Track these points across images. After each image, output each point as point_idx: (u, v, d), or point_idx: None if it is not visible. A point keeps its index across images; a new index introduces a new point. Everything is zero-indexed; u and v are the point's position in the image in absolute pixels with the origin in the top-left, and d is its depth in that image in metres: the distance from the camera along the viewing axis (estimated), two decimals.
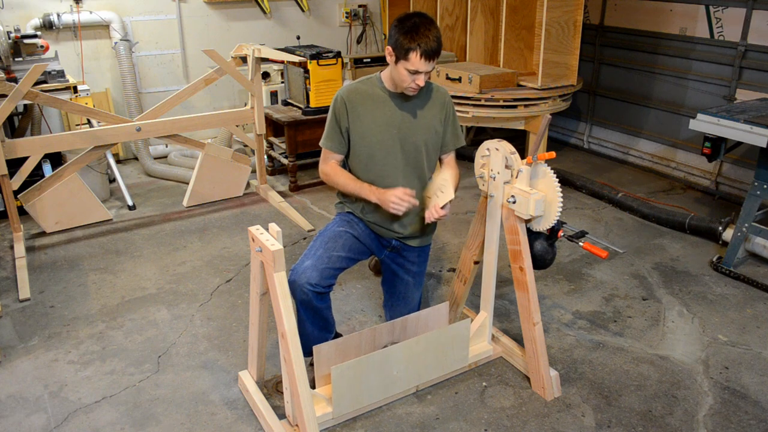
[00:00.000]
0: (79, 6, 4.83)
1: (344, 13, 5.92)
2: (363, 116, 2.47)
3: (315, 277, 2.38)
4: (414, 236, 2.65)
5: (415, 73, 2.33)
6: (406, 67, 2.32)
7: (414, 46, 2.28)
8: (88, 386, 2.60)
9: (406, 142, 2.50)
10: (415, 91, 2.42)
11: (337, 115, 2.49)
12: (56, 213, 3.96)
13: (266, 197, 4.57)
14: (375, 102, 2.48)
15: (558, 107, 4.40)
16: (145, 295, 3.30)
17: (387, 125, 2.47)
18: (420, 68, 2.31)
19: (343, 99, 2.48)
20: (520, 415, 2.45)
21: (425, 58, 2.30)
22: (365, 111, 2.47)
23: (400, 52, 2.31)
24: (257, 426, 2.39)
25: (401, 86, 2.41)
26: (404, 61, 2.32)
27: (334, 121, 2.50)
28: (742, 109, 3.45)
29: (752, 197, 3.36)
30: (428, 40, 2.29)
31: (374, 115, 2.47)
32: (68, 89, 4.02)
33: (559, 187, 2.32)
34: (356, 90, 2.50)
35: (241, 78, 4.26)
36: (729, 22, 4.43)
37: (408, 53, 2.29)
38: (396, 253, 2.68)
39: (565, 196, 2.37)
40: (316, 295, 2.39)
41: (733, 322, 3.06)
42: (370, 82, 2.52)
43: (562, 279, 3.47)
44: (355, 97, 2.48)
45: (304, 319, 2.46)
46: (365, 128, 2.48)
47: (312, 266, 2.40)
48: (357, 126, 2.48)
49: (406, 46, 2.29)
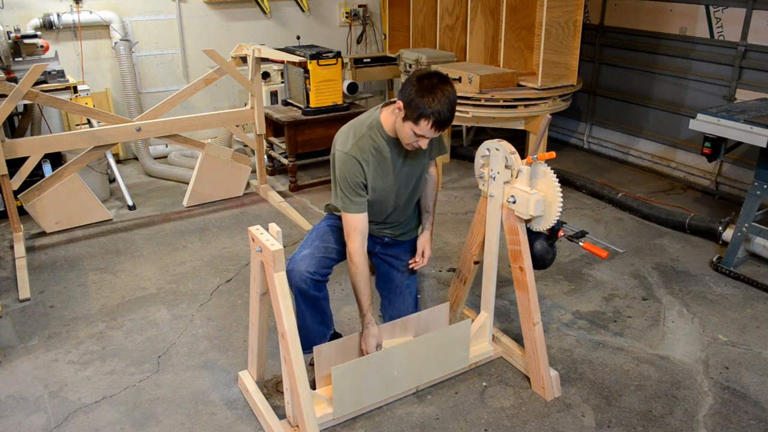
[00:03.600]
0: (79, 6, 4.82)
1: (344, 13, 5.92)
2: (375, 174, 2.42)
3: (313, 264, 2.41)
4: (403, 233, 2.70)
5: (420, 137, 2.26)
6: (413, 129, 2.24)
7: (428, 113, 2.17)
8: (88, 386, 2.60)
9: (404, 180, 2.50)
10: (413, 149, 2.35)
11: (356, 175, 2.35)
12: (56, 213, 3.96)
13: (266, 197, 4.57)
14: (381, 154, 2.41)
15: (558, 107, 4.40)
16: (145, 295, 3.30)
17: (389, 173, 2.45)
18: (427, 135, 2.25)
19: (357, 160, 2.34)
20: (520, 415, 2.45)
21: (435, 128, 2.22)
22: (375, 168, 2.42)
23: (412, 114, 2.21)
24: (257, 426, 2.39)
25: (402, 141, 2.34)
26: (413, 123, 2.22)
27: (355, 181, 2.35)
28: (742, 109, 3.45)
29: (752, 197, 3.36)
30: (443, 110, 2.18)
31: (381, 167, 2.42)
32: (68, 89, 4.02)
33: (559, 187, 2.32)
34: (366, 147, 2.37)
35: (241, 78, 4.26)
36: (729, 22, 4.43)
37: (419, 119, 2.20)
38: (388, 247, 2.72)
39: (565, 196, 2.37)
40: (314, 282, 2.41)
41: (733, 322, 3.06)
42: (373, 133, 2.38)
43: (562, 279, 3.47)
44: (368, 156, 2.37)
45: (303, 310, 2.47)
46: (374, 182, 2.43)
47: (309, 255, 2.44)
48: (369, 180, 2.42)
49: (419, 111, 2.18)
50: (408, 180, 2.52)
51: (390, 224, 2.64)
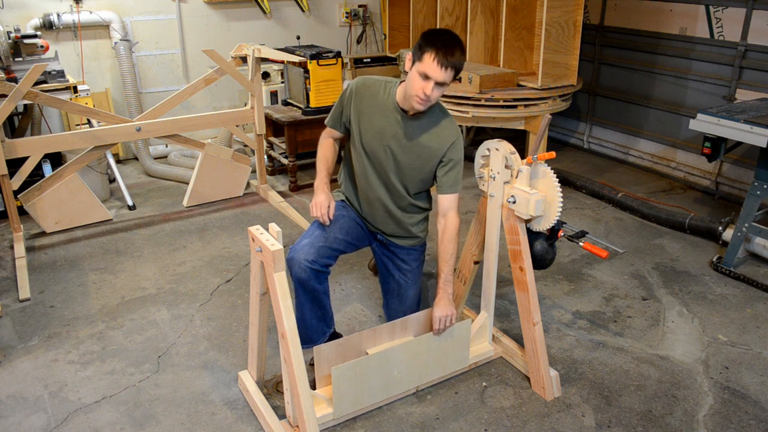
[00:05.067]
0: (79, 6, 4.82)
1: (344, 13, 5.92)
2: (363, 113, 2.48)
3: (312, 253, 2.40)
4: (397, 236, 2.65)
5: (426, 78, 2.24)
6: (418, 69, 2.24)
7: (430, 46, 2.21)
8: (88, 386, 2.60)
9: (393, 159, 2.47)
10: (420, 103, 2.29)
11: (344, 99, 2.55)
12: (56, 213, 3.96)
13: (266, 197, 4.57)
14: (380, 107, 2.45)
15: (558, 107, 4.40)
16: (145, 295, 3.30)
17: (380, 134, 2.45)
18: (430, 72, 2.22)
19: (352, 89, 2.51)
20: (520, 415, 2.45)
21: (439, 62, 2.20)
22: (367, 110, 2.47)
23: (417, 52, 2.26)
24: (257, 426, 2.39)
25: (410, 95, 2.31)
26: (418, 62, 2.24)
27: (340, 103, 2.57)
28: (742, 109, 3.45)
29: (752, 197, 3.36)
30: (448, 46, 2.21)
31: (373, 118, 2.46)
32: (68, 89, 4.02)
33: (559, 187, 2.32)
34: (369, 87, 2.48)
35: (241, 78, 4.26)
36: (729, 22, 4.43)
37: (423, 53, 2.22)
38: (384, 248, 2.70)
39: (565, 196, 2.37)
40: (313, 272, 2.40)
41: (733, 322, 3.06)
42: (385, 88, 2.46)
43: (562, 279, 3.47)
44: (365, 92, 2.48)
45: (302, 302, 2.47)
46: (361, 125, 2.48)
47: (309, 244, 2.44)
48: (354, 119, 2.50)
49: (424, 47, 2.23)
50: (403, 167, 2.48)
51: (380, 218, 2.61)
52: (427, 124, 2.45)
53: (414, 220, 2.63)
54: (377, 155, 2.49)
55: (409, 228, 2.62)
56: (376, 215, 2.61)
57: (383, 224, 2.63)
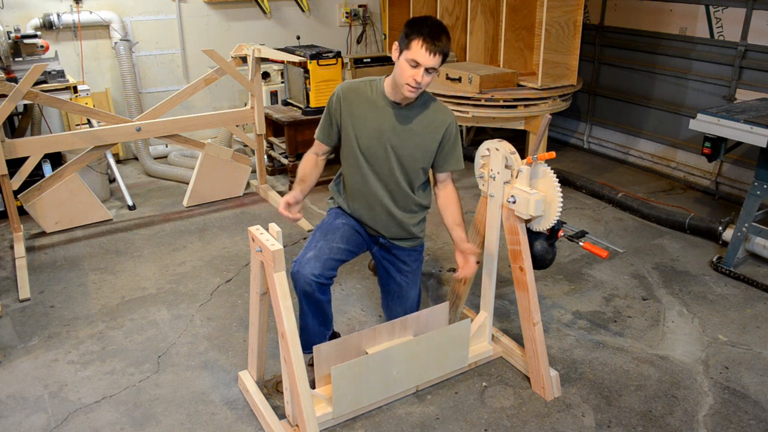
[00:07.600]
0: (79, 6, 4.82)
1: (344, 13, 5.92)
2: (356, 117, 2.46)
3: (318, 267, 2.39)
4: (398, 238, 2.64)
5: (415, 66, 2.24)
6: (407, 57, 2.24)
7: (417, 34, 2.21)
8: (88, 386, 2.60)
9: (394, 154, 2.47)
10: (412, 90, 2.29)
11: (331, 108, 2.50)
12: (56, 213, 3.96)
13: (266, 197, 4.57)
14: (371, 106, 2.44)
15: (558, 107, 4.40)
16: (145, 295, 3.30)
17: (378, 132, 2.44)
18: (420, 59, 2.22)
19: (339, 96, 2.47)
20: (520, 415, 2.45)
21: (427, 49, 2.20)
22: (360, 112, 2.45)
23: (403, 41, 2.26)
24: (257, 426, 2.39)
25: (400, 84, 2.31)
26: (406, 50, 2.25)
27: (328, 114, 2.53)
28: (742, 109, 3.45)
29: (752, 197, 3.36)
30: (434, 32, 2.21)
31: (368, 119, 2.45)
32: (68, 89, 4.02)
33: (559, 187, 2.32)
34: (356, 89, 2.47)
35: (241, 78, 4.26)
36: (729, 22, 4.43)
37: (410, 40, 2.23)
38: (386, 251, 2.68)
39: (565, 196, 2.37)
40: (319, 286, 2.40)
41: (733, 322, 3.06)
42: (371, 86, 2.47)
43: (562, 279, 3.47)
44: (353, 95, 2.46)
45: (306, 312, 2.47)
46: (357, 130, 2.46)
47: (315, 257, 2.42)
48: (348, 125, 2.47)
49: (410, 35, 2.23)
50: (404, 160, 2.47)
51: (381, 222, 2.59)
52: (420, 111, 2.46)
53: (415, 221, 2.63)
54: (377, 157, 2.48)
55: (410, 229, 2.62)
56: (378, 219, 2.59)
57: (385, 228, 2.61)
